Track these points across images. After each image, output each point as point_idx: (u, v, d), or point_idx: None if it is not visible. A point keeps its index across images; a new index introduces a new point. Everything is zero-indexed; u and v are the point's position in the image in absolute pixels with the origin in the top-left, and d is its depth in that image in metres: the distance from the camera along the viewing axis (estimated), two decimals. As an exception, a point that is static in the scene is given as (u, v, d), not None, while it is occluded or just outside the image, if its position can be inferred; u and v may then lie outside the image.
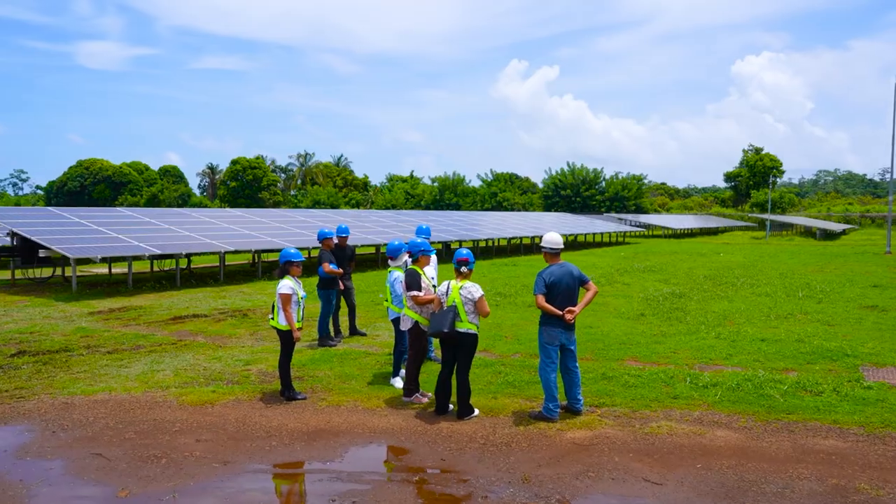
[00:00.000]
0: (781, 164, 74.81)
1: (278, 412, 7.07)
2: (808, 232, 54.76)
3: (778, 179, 77.35)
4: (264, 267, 20.89)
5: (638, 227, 49.93)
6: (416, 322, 7.40)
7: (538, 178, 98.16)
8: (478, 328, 6.95)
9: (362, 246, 21.79)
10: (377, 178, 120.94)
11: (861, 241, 44.96)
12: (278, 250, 20.20)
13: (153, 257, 16.18)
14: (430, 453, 5.97)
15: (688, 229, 53.37)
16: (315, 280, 10.86)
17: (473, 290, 6.88)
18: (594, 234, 40.01)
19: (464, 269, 7.01)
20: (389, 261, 8.37)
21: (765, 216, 56.07)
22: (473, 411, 6.93)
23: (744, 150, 78.19)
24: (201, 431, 6.45)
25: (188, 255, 17.87)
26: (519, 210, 72.60)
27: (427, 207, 76.28)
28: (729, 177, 78.88)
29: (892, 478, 5.41)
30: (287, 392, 7.52)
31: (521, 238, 31.67)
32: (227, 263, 22.48)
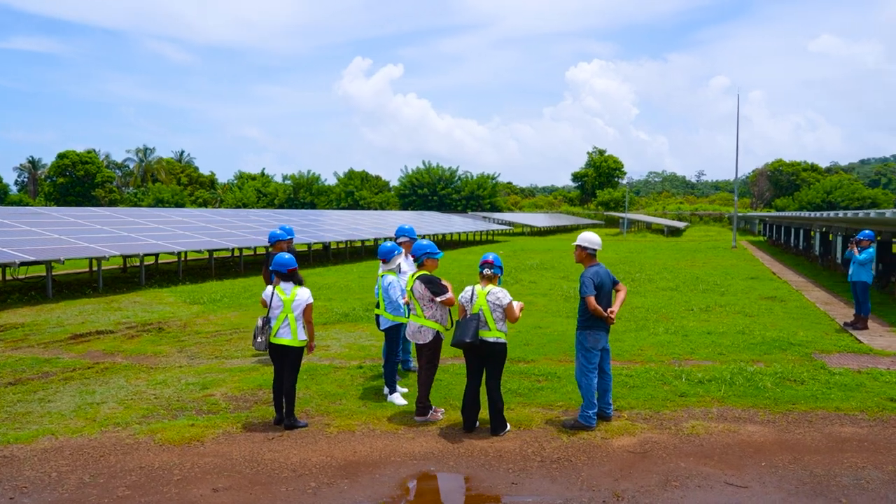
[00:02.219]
0: (623, 165, 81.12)
1: (287, 444, 6.11)
2: (648, 228, 59.74)
3: (620, 180, 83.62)
4: (148, 272, 18.61)
5: (503, 224, 51.48)
6: (438, 333, 6.76)
7: (385, 175, 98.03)
8: (506, 335, 6.47)
9: (220, 250, 20.18)
10: (224, 176, 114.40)
11: (702, 237, 49.91)
12: (171, 253, 18.19)
13: (24, 264, 13.71)
14: (495, 477, 5.42)
15: (548, 227, 55.98)
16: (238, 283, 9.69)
17: (501, 294, 6.40)
18: (465, 232, 40.56)
19: (487, 271, 6.49)
20: (382, 264, 7.61)
21: (621, 214, 60.39)
22: (507, 426, 6.45)
23: (588, 153, 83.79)
24: (211, 478, 5.37)
25: (61, 262, 15.38)
26: (376, 209, 72.07)
27: (281, 206, 73.34)
28: (576, 177, 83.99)
29: (930, 460, 5.74)
30: (291, 420, 6.56)
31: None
32: (74, 271, 19.79)
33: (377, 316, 7.64)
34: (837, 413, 6.97)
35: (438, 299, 6.70)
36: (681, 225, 57.97)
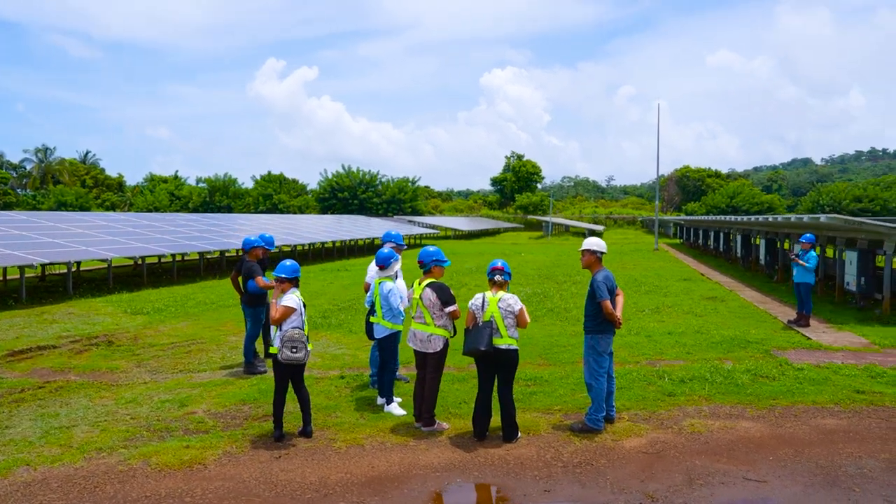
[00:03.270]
0: (541, 170, 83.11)
1: (298, 462, 5.82)
2: (567, 231, 61.49)
3: (538, 184, 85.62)
4: (73, 280, 17.27)
5: (428, 228, 51.52)
6: (446, 341, 6.64)
7: (303, 179, 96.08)
8: (517, 342, 6.43)
9: (154, 256, 19.20)
10: (133, 178, 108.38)
11: (622, 240, 51.76)
12: (101, 260, 17.01)
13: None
14: (525, 485, 5.37)
15: (471, 230, 56.51)
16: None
17: (513, 301, 6.37)
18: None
19: (498, 277, 6.46)
20: (379, 270, 7.39)
21: (543, 218, 61.76)
22: (518, 432, 6.41)
23: (507, 158, 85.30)
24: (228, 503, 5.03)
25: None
26: (295, 213, 70.49)
27: (195, 210, 70.38)
28: (495, 181, 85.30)
29: (914, 447, 6.17)
30: (307, 429, 6.37)
31: (334, 242, 30.62)
32: None
33: (371, 324, 7.42)
34: (815, 406, 7.37)
35: (448, 309, 6.59)
36: (599, 228, 60.02)
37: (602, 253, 6.73)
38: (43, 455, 5.94)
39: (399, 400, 7.45)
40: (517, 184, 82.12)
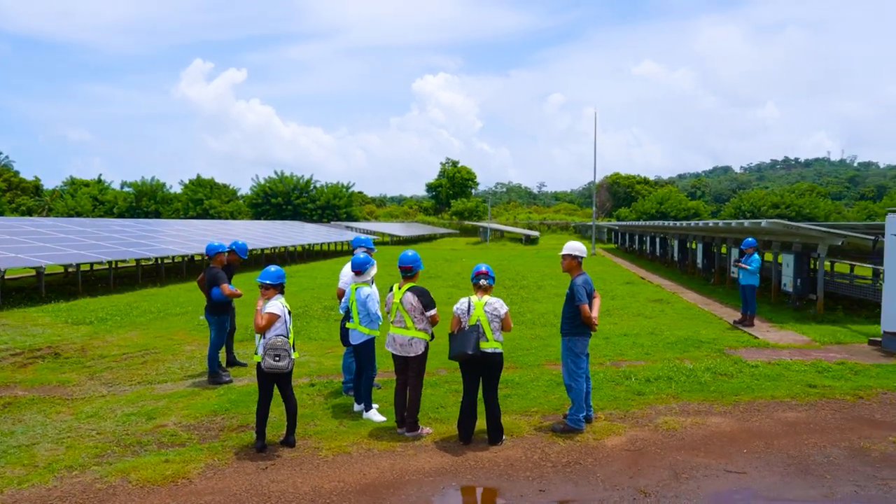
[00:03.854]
0: (476, 176, 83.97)
1: (287, 473, 5.69)
2: (501, 236, 62.34)
3: (473, 190, 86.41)
4: (3, 289, 16.23)
5: (366, 234, 51.17)
6: (427, 345, 6.64)
7: (234, 184, 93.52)
8: (502, 345, 6.51)
9: (91, 262, 18.37)
10: (50, 182, 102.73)
11: (558, 245, 52.74)
12: (33, 268, 16.09)
13: None
14: (520, 486, 5.43)
15: (408, 236, 56.46)
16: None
17: (498, 305, 6.45)
18: (330, 243, 39.76)
19: (483, 282, 6.53)
20: (356, 276, 7.31)
21: (482, 224, 62.28)
22: (503, 435, 6.47)
23: (442, 164, 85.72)
24: (223, 514, 4.87)
25: None
26: (226, 218, 68.64)
27: (121, 215, 67.42)
28: (430, 187, 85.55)
29: (869, 433, 6.59)
30: (291, 438, 6.24)
31: (274, 248, 29.98)
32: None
33: (348, 330, 7.32)
34: (775, 401, 7.77)
35: (429, 313, 6.61)
36: (535, 234, 61.13)
37: (582, 257, 6.90)
38: (6, 476, 5.58)
39: (376, 406, 7.39)
40: (452, 190, 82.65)
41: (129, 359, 10.00)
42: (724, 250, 20.24)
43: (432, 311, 6.63)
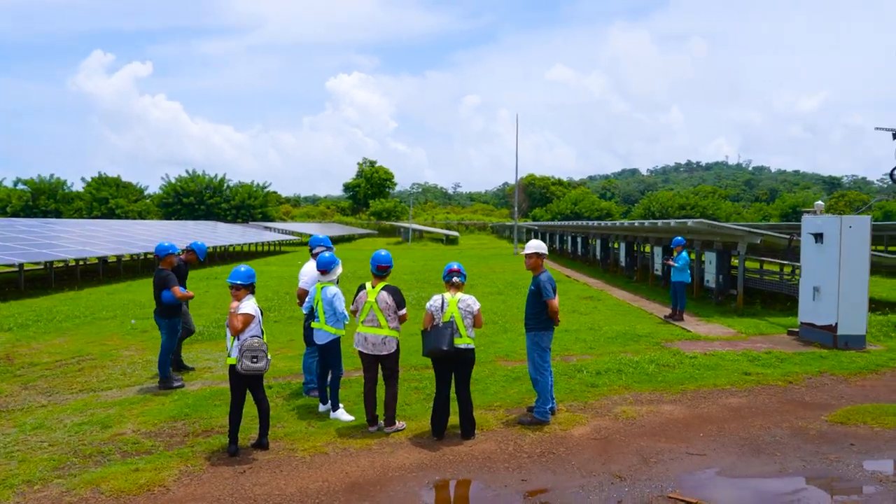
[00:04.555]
0: (394, 176, 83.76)
1: (267, 475, 5.60)
2: (420, 237, 62.63)
3: (391, 191, 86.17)
4: None
5: (285, 234, 50.12)
6: (398, 342, 6.70)
7: (142, 182, 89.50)
8: (474, 341, 6.66)
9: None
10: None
11: (479, 245, 53.64)
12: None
13: None
14: (503, 477, 5.59)
15: (332, 237, 55.79)
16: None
17: (471, 301, 6.61)
18: (247, 243, 38.68)
19: (456, 279, 6.68)
20: (321, 275, 7.25)
21: (404, 224, 62.18)
22: (475, 429, 6.63)
23: (359, 164, 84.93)
24: (211, 520, 4.76)
25: None
26: (135, 218, 65.42)
27: (16, 214, 62.86)
28: (347, 187, 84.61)
29: (804, 414, 7.21)
30: (264, 440, 6.12)
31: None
32: None
33: (314, 330, 7.25)
34: (717, 388, 8.32)
35: (401, 312, 6.67)
36: (454, 234, 61.77)
37: (546, 255, 7.16)
38: (-41, 492, 5.20)
39: (341, 406, 7.36)
40: (370, 190, 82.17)
41: (64, 366, 9.45)
42: (646, 249, 21.26)
43: (404, 311, 6.70)
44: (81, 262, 23.06)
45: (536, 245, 7.13)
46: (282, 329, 12.36)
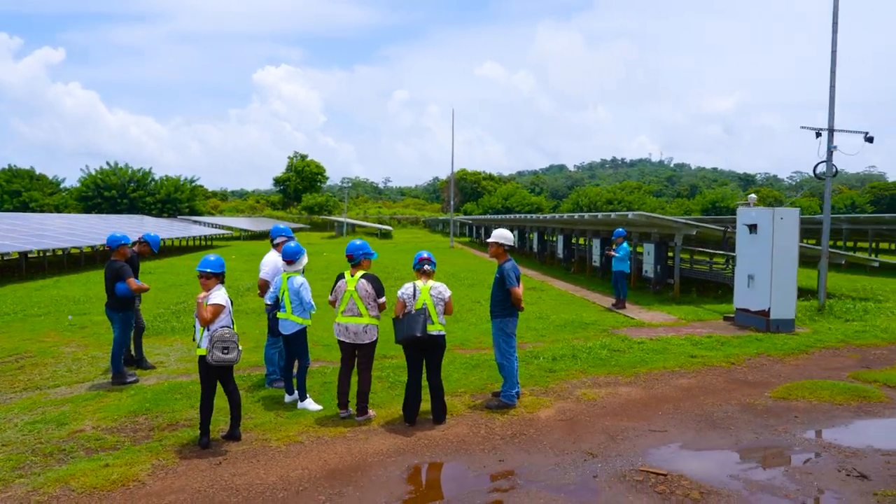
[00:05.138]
0: (325, 170, 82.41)
1: (245, 466, 5.54)
2: (353, 231, 62.15)
3: (322, 185, 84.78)
4: None
5: (216, 228, 48.58)
6: (378, 332, 6.73)
7: (57, 174, 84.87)
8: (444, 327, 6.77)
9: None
10: None
11: (413, 239, 53.63)
12: None
13: None
14: (480, 459, 5.73)
15: (262, 231, 54.50)
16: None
17: (443, 289, 6.72)
18: (175, 238, 37.35)
19: (427, 267, 6.77)
20: (287, 265, 7.18)
21: (337, 219, 61.42)
22: (446, 414, 6.75)
23: (290, 157, 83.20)
24: (195, 511, 4.69)
25: None
26: (51, 212, 61.97)
27: (-86, 209, 58.40)
28: (278, 181, 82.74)
29: (749, 392, 7.69)
30: (237, 431, 6.05)
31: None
32: None
33: (280, 320, 7.17)
34: (667, 371, 8.75)
35: (381, 300, 6.71)
36: (388, 228, 61.60)
37: (510, 245, 7.35)
38: (-88, 496, 4.90)
39: (308, 396, 7.31)
40: (301, 184, 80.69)
41: (2, 364, 8.95)
42: (581, 242, 21.90)
43: (383, 298, 6.73)
44: (2, 256, 21.73)
45: (498, 234, 7.33)
46: (239, 322, 12.08)
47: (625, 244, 13.83)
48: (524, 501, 4.86)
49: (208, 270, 6.02)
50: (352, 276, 6.74)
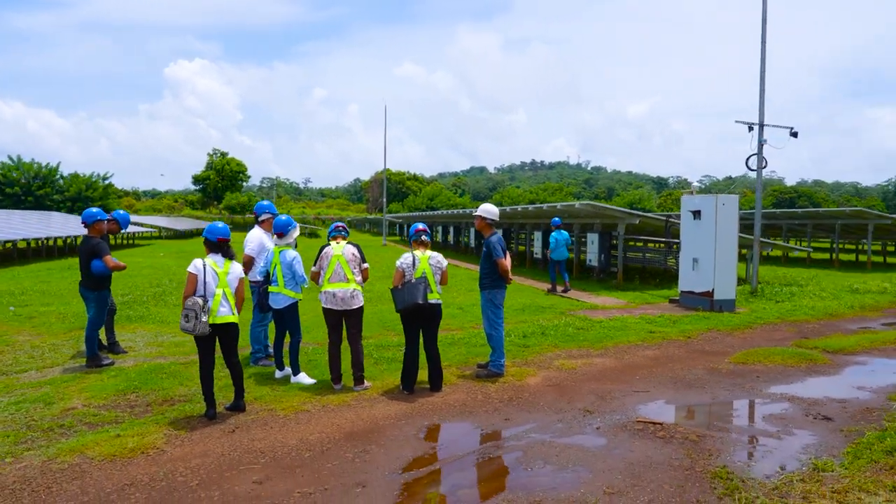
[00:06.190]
0: (247, 168, 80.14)
1: (261, 432, 5.58)
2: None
3: (244, 183, 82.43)
4: None
5: (140, 227, 46.54)
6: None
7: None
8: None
9: None
10: None
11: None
12: None
13: None
14: (486, 419, 6.01)
15: (186, 230, 52.65)
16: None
17: (440, 258, 6.99)
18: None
19: (424, 237, 7.01)
20: (277, 238, 7.23)
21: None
22: (442, 382, 6.99)
23: (209, 155, 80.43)
24: (231, 475, 4.72)
25: None
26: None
27: None
28: (197, 179, 79.82)
29: (711, 359, 8.35)
30: (241, 402, 6.05)
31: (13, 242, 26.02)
32: None
33: (271, 294, 7.19)
34: (632, 344, 9.32)
35: (365, 265, 6.92)
36: (315, 227, 60.83)
37: (493, 219, 7.67)
38: (-86, 471, 4.68)
39: (302, 371, 7.35)
40: (221, 183, 78.27)
41: (-45, 352, 8.45)
42: (521, 236, 22.55)
43: (367, 264, 6.95)
44: None
45: (483, 209, 7.66)
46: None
47: (565, 232, 14.48)
48: (542, 449, 5.18)
49: (204, 237, 6.07)
50: (337, 243, 6.93)
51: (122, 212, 8.63)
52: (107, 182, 68.22)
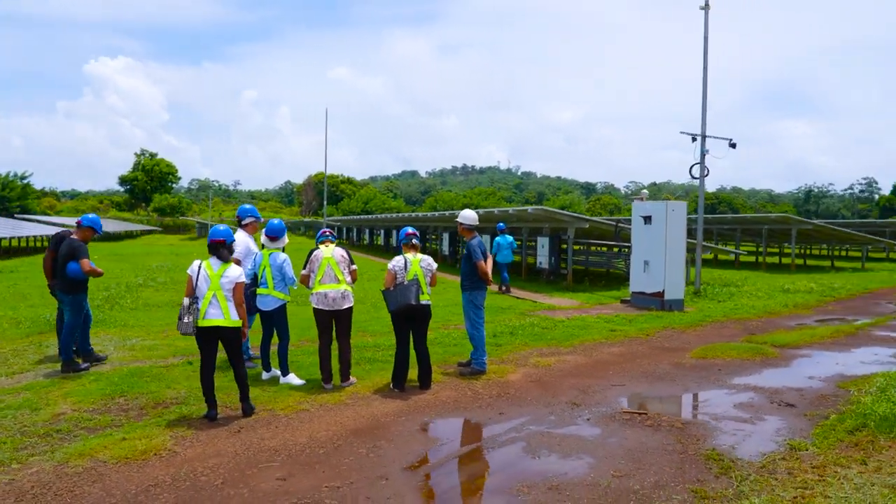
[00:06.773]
0: (178, 170, 77.51)
1: (267, 432, 5.66)
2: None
3: (174, 185, 79.69)
4: None
5: (62, 229, 44.32)
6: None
7: None
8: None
9: None
10: None
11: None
12: None
13: None
14: (481, 414, 6.28)
15: (116, 232, 50.53)
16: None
17: (430, 260, 7.23)
18: (18, 237, 33.69)
19: (415, 241, 7.23)
20: (269, 241, 7.30)
21: (201, 220, 58.05)
22: (430, 380, 7.22)
23: (137, 155, 77.31)
24: (253, 472, 4.82)
25: None
26: None
27: None
28: (124, 180, 76.55)
29: (672, 355, 8.93)
30: (248, 403, 6.08)
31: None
32: None
33: (260, 296, 7.24)
34: (597, 342, 9.81)
35: (353, 266, 7.11)
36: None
37: (472, 225, 7.97)
38: (-85, 481, 4.54)
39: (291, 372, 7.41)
40: (150, 184, 75.49)
41: None
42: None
43: (355, 266, 7.16)
44: None
45: (462, 216, 7.98)
46: (155, 314, 11.58)
47: (509, 236, 15.02)
48: (543, 440, 5.50)
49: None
50: (326, 246, 7.09)
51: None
52: (25, 182, 64.83)
